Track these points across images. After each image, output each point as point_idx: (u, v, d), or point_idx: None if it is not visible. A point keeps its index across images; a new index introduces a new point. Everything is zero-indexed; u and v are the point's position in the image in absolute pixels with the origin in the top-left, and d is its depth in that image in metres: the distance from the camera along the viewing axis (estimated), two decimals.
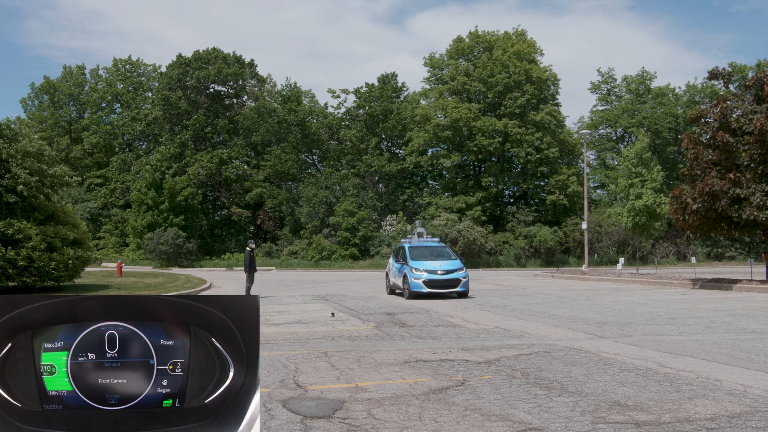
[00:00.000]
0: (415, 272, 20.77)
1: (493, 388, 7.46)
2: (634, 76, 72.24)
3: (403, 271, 21.54)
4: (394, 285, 22.81)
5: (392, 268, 23.27)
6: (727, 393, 7.15)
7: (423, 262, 21.24)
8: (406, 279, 21.13)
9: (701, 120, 27.02)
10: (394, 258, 23.56)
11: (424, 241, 24.97)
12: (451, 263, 21.48)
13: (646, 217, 35.87)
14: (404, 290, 21.32)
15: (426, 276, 20.60)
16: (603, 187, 68.92)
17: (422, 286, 20.50)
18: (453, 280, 20.71)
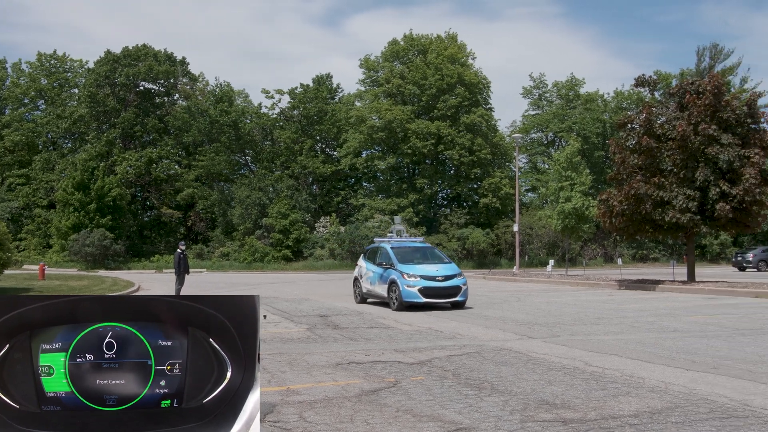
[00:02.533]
0: (408, 278, 17.48)
1: (425, 389, 7.52)
2: (564, 82, 73.89)
3: (389, 277, 18.13)
4: (370, 292, 19.57)
5: (367, 272, 19.85)
6: (649, 390, 7.40)
7: (415, 267, 18.07)
8: (394, 286, 17.79)
9: (628, 126, 27.85)
10: (369, 260, 20.21)
11: (406, 240, 21.63)
12: (447, 267, 18.36)
13: (575, 220, 36.72)
14: (391, 299, 17.92)
15: (422, 283, 17.43)
16: (534, 190, 70.23)
17: (417, 296, 17.28)
18: (453, 288, 17.68)
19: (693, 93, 26.05)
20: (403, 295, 17.39)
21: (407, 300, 17.34)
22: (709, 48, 69.46)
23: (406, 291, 17.38)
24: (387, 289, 18.21)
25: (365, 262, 20.36)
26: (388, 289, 18.14)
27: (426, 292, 17.36)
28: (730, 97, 26.66)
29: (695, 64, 68.76)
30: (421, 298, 17.29)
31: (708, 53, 69.13)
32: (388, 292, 18.16)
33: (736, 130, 25.15)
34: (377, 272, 19.06)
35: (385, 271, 18.56)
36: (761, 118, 25.59)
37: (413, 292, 17.34)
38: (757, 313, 15.88)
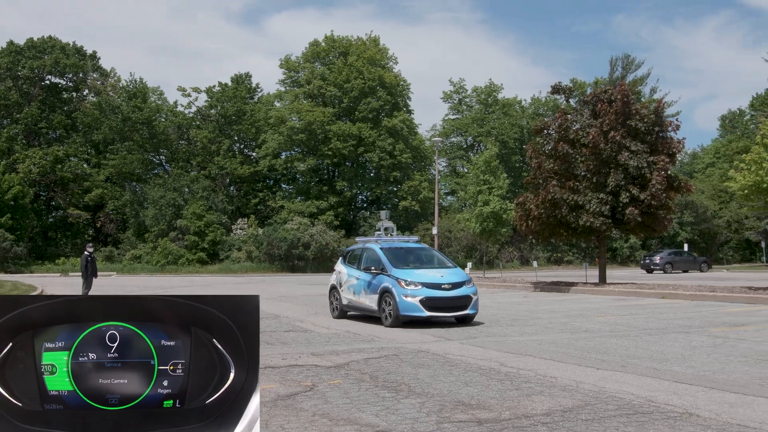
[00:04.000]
0: (407, 287, 14.16)
1: (342, 392, 7.55)
2: (483, 88, 75.30)
3: (379, 285, 14.83)
4: (353, 304, 16.12)
5: (349, 279, 16.38)
6: (561, 389, 7.64)
7: (414, 272, 14.76)
8: (387, 297, 14.48)
9: (544, 131, 28.64)
10: (350, 265, 16.76)
11: (398, 240, 17.75)
12: (453, 273, 15.12)
13: (493, 223, 37.44)
14: (383, 313, 14.63)
15: (425, 293, 14.12)
16: (453, 194, 71.29)
17: (418, 308, 14.01)
18: (463, 298, 14.40)
19: (605, 101, 26.99)
20: (401, 308, 14.00)
21: (405, 314, 14.02)
22: (622, 58, 72.16)
23: (405, 303, 14.02)
24: (377, 301, 14.75)
25: (345, 267, 16.83)
26: (380, 300, 14.69)
27: (430, 304, 13.99)
28: (640, 105, 27.75)
29: (608, 74, 71.27)
30: (424, 312, 13.93)
31: (620, 63, 71.76)
32: (379, 303, 14.73)
33: (645, 137, 26.18)
34: (363, 279, 15.57)
35: (374, 277, 15.11)
36: (668, 127, 26.73)
37: (413, 304, 13.97)
38: (662, 313, 16.58)
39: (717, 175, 66.16)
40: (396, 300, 14.12)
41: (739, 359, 9.57)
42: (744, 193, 21.47)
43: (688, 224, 61.80)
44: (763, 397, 7.14)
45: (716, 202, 65.16)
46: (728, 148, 71.07)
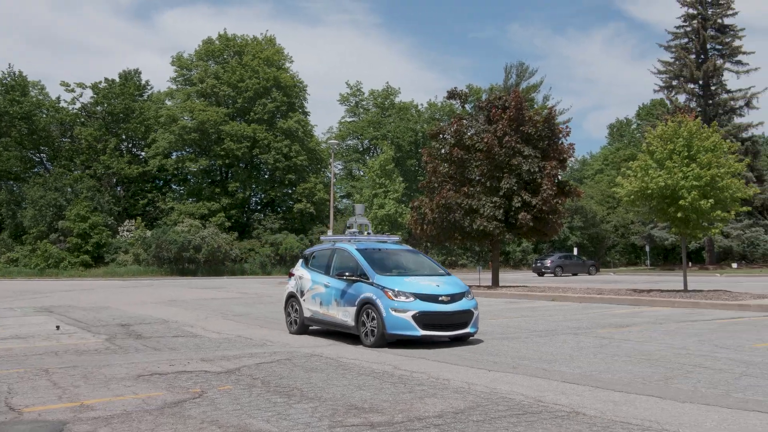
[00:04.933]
0: (396, 298, 11.47)
1: (233, 398, 7.38)
2: (380, 91, 75.92)
3: (358, 296, 12.03)
4: (318, 318, 13.26)
5: (314, 287, 13.49)
6: (454, 391, 7.73)
7: (402, 280, 11.99)
8: (370, 310, 11.71)
9: (440, 136, 29.15)
10: (315, 269, 13.83)
11: (375, 240, 14.69)
12: (450, 282, 12.44)
13: (389, 226, 37.78)
14: (363, 330, 11.84)
15: (418, 306, 11.42)
16: (349, 197, 71.49)
17: (410, 325, 11.33)
18: (463, 313, 11.82)
19: (499, 107, 27.71)
20: (388, 325, 11.34)
21: (394, 332, 11.36)
22: (516, 66, 74.40)
23: (393, 318, 11.33)
24: (355, 314, 12.01)
25: (308, 272, 13.92)
26: (358, 313, 11.93)
27: (424, 320, 11.37)
28: (533, 112, 28.68)
29: (503, 80, 73.33)
30: (417, 330, 11.30)
31: (515, 71, 73.96)
32: (356, 318, 11.97)
33: (538, 143, 27.05)
34: (335, 288, 12.71)
35: (349, 286, 12.36)
36: (559, 133, 27.72)
37: (404, 321, 11.31)
38: (552, 315, 17.12)
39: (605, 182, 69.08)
40: (381, 314, 11.34)
41: (623, 359, 9.97)
42: (630, 198, 22.47)
43: (578, 229, 64.24)
44: (645, 395, 7.44)
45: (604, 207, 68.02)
46: (616, 155, 74.38)
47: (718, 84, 55.42)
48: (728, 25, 55.54)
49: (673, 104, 55.36)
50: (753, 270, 48.06)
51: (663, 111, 55.20)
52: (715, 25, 55.47)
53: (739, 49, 54.83)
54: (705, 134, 21.71)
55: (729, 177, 21.19)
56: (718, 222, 22.15)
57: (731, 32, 55.40)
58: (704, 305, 18.45)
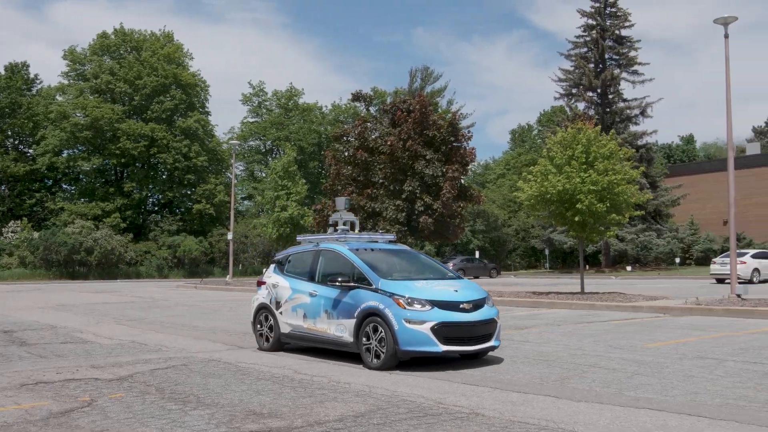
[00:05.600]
0: (409, 307, 9.54)
1: (125, 406, 7.16)
2: (283, 92, 75.38)
3: (360, 306, 10.01)
4: (303, 333, 11.12)
5: (295, 296, 11.42)
6: (354, 394, 7.74)
7: (413, 285, 10.09)
8: (376, 323, 9.70)
9: (343, 138, 29.26)
10: (294, 275, 11.79)
11: (368, 239, 12.48)
12: (468, 286, 10.59)
13: (291, 229, 37.53)
14: (366, 347, 9.83)
15: (437, 316, 9.54)
16: (251, 198, 70.69)
17: (429, 339, 9.40)
18: (487, 323, 10.05)
19: (404, 111, 28.03)
20: (401, 340, 9.38)
21: (409, 348, 9.41)
22: (421, 70, 75.29)
23: (408, 332, 9.40)
24: (354, 329, 10.01)
25: (285, 279, 11.83)
26: (359, 327, 9.94)
27: (446, 333, 9.49)
28: (437, 116, 29.15)
29: (408, 84, 74.07)
30: (438, 345, 9.39)
31: (420, 75, 74.87)
32: (357, 333, 9.97)
33: (441, 147, 27.50)
34: (324, 296, 10.72)
35: (344, 293, 10.36)
36: (462, 137, 28.27)
37: (421, 334, 9.40)
38: None
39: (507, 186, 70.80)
40: (393, 328, 9.41)
41: (522, 360, 10.25)
42: (530, 202, 23.12)
43: (480, 232, 65.58)
44: (542, 395, 7.66)
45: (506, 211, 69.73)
46: (517, 160, 76.43)
47: (615, 93, 57.73)
48: (625, 36, 57.97)
49: (573, 111, 57.32)
50: (646, 272, 50.31)
51: (563, 118, 57.10)
52: (613, 36, 57.79)
53: (635, 60, 57.29)
54: (602, 141, 22.57)
55: (624, 183, 22.11)
56: (614, 226, 23.06)
57: (628, 43, 57.83)
58: (600, 307, 19.17)
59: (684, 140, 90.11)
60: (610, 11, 57.88)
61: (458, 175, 27.27)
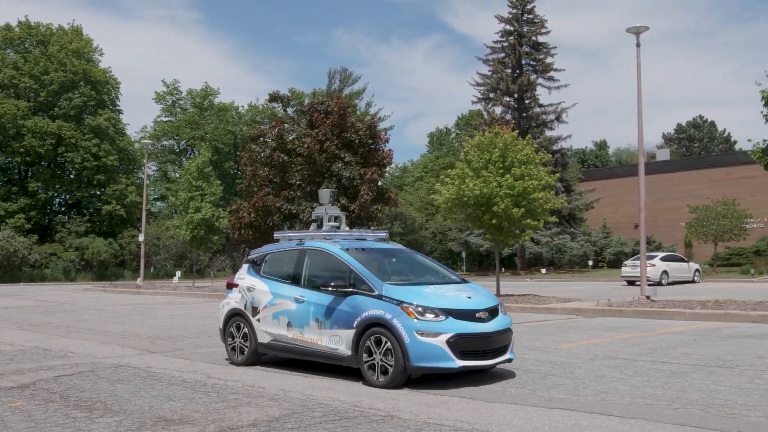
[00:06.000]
0: (422, 318, 8.46)
1: (26, 415, 6.90)
2: (198, 90, 74.11)
3: (360, 314, 8.85)
4: (287, 343, 9.79)
5: (276, 302, 10.08)
6: (269, 399, 7.68)
7: (420, 290, 9.00)
8: (381, 334, 8.57)
9: (260, 139, 29.01)
10: (272, 277, 10.45)
11: (358, 236, 11.05)
12: (478, 291, 9.51)
13: (205, 231, 36.94)
14: (367, 363, 8.68)
15: (453, 326, 8.49)
16: (163, 199, 69.23)
17: (445, 353, 8.35)
18: (504, 333, 9.04)
19: (322, 112, 27.98)
20: (413, 354, 8.29)
21: (421, 364, 8.32)
22: (340, 72, 75.29)
23: (421, 345, 8.31)
24: (353, 341, 8.83)
25: (263, 281, 10.49)
26: (359, 339, 8.78)
27: (463, 347, 8.45)
28: (355, 119, 29.22)
29: (326, 86, 73.94)
30: (454, 360, 8.35)
31: (338, 76, 74.87)
32: (356, 345, 8.80)
33: (359, 149, 27.58)
34: (315, 303, 9.50)
35: (340, 300, 9.17)
36: (380, 140, 28.43)
37: (436, 348, 8.32)
38: None
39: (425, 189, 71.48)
40: (403, 341, 8.32)
41: None
42: (448, 206, 23.44)
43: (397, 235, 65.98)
44: (458, 396, 7.79)
45: (423, 214, 70.39)
46: (435, 163, 77.28)
47: (531, 98, 59.12)
48: (542, 42, 59.42)
49: (490, 115, 58.40)
50: (560, 275, 51.69)
51: (480, 121, 58.05)
52: (530, 42, 59.17)
53: (551, 66, 58.79)
54: (519, 146, 23.08)
55: (540, 188, 22.67)
56: (529, 230, 23.61)
57: (544, 50, 59.31)
58: (515, 309, 19.57)
59: (597, 145, 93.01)
60: (527, 18, 59.23)
61: (376, 177, 27.41)
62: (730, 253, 51.76)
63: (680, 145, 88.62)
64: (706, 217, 45.90)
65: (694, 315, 16.62)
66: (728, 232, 45.15)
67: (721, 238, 45.83)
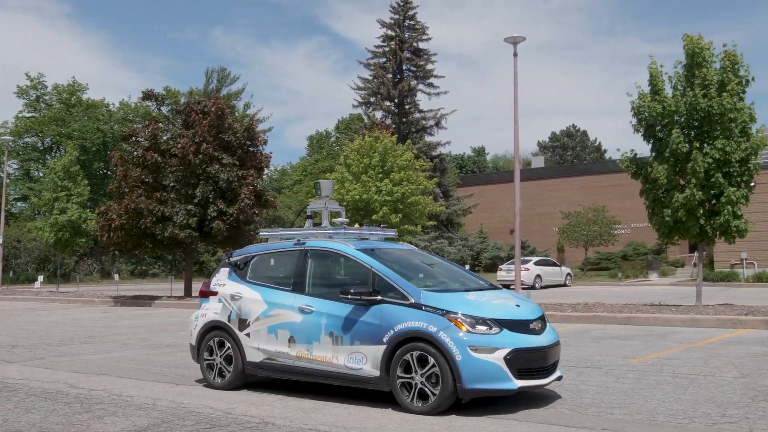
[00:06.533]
0: (473, 329, 7.26)
1: None
2: (66, 86, 70.97)
3: (392, 326, 7.49)
4: (288, 363, 8.32)
5: (273, 312, 8.60)
6: (137, 408, 7.44)
7: (463, 297, 7.83)
8: (426, 351, 7.26)
9: (133, 138, 28.12)
10: (263, 284, 9.00)
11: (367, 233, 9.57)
12: (521, 298, 8.47)
13: (71, 233, 35.47)
14: (404, 382, 7.39)
15: (510, 340, 7.34)
16: (25, 200, 65.98)
17: (503, 372, 7.19)
18: (557, 348, 7.95)
19: (199, 113, 27.42)
20: (466, 375, 7.08)
21: (475, 386, 7.13)
22: (218, 71, 74.03)
23: (476, 363, 7.12)
24: (383, 359, 7.51)
25: (253, 288, 9.01)
26: (392, 357, 7.47)
27: (522, 364, 7.34)
28: (233, 120, 28.80)
29: (204, 85, 72.49)
30: (512, 380, 7.22)
31: (216, 76, 73.59)
32: (388, 365, 7.49)
33: (237, 151, 27.18)
34: (327, 314, 8.09)
35: (363, 310, 7.79)
36: (258, 142, 28.15)
37: (492, 365, 7.17)
38: None
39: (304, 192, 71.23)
40: (454, 358, 7.09)
41: None
42: None
43: None
44: (334, 402, 7.81)
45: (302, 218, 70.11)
46: (315, 166, 77.17)
47: (412, 103, 60.02)
48: (423, 49, 60.45)
49: (371, 120, 58.88)
50: None
51: (361, 126, 58.48)
52: (411, 48, 60.08)
53: (431, 73, 59.91)
54: (399, 151, 23.45)
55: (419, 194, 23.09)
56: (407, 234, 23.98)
57: (425, 56, 60.36)
58: None
59: (476, 152, 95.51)
60: (409, 24, 60.16)
61: (255, 180, 27.10)
62: (600, 258, 54.32)
63: (554, 153, 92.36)
64: (578, 223, 47.98)
65: (565, 317, 17.34)
66: (598, 238, 47.37)
67: (592, 243, 48.04)
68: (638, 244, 52.55)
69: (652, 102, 17.85)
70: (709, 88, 17.07)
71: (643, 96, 18.29)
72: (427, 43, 60.35)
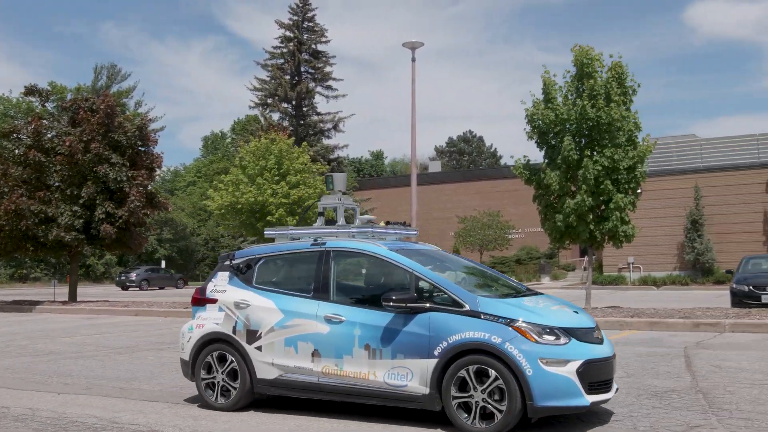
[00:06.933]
0: (541, 339, 6.51)
1: None
2: None
3: (445, 337, 6.64)
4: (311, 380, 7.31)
5: (289, 323, 7.53)
6: (14, 419, 7.17)
7: (521, 302, 7.07)
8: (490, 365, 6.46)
9: (13, 135, 27.04)
10: (275, 290, 7.89)
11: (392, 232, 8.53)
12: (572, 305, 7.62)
13: None
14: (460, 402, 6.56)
15: (579, 352, 6.63)
16: None
17: (575, 387, 6.45)
18: (615, 358, 7.16)
19: (87, 110, 26.57)
20: (536, 391, 6.33)
21: (547, 403, 6.39)
22: (108, 67, 71.79)
23: (547, 377, 6.40)
24: (433, 375, 6.68)
25: (262, 295, 7.90)
26: (442, 373, 6.66)
27: (592, 377, 6.66)
28: (123, 118, 28.04)
29: (92, 82, 70.15)
30: (584, 396, 6.51)
31: (106, 72, 71.36)
32: (438, 381, 6.68)
33: (127, 151, 26.48)
34: (360, 323, 7.18)
35: (407, 319, 6.92)
36: (150, 141, 27.50)
37: (564, 380, 6.47)
38: (135, 331, 16.84)
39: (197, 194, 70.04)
40: (523, 372, 6.36)
41: None
42: (221, 212, 23.20)
43: (167, 241, 64.05)
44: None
45: (195, 220, 68.84)
46: (209, 168, 75.92)
47: (310, 106, 59.94)
48: (321, 51, 60.48)
49: (267, 121, 58.42)
50: None
51: (257, 127, 57.94)
52: (310, 50, 60.02)
53: (330, 75, 60.01)
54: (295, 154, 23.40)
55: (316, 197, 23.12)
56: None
57: (324, 58, 60.41)
58: None
59: (374, 155, 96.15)
60: (308, 26, 60.09)
61: (146, 180, 26.45)
62: (494, 262, 55.66)
63: (451, 158, 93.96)
64: (473, 227, 49.05)
65: None
66: (493, 242, 48.56)
67: (487, 247, 49.19)
68: (531, 249, 54.12)
69: (546, 110, 18.38)
70: (597, 99, 17.77)
71: (537, 104, 18.79)
72: (326, 45, 60.47)
